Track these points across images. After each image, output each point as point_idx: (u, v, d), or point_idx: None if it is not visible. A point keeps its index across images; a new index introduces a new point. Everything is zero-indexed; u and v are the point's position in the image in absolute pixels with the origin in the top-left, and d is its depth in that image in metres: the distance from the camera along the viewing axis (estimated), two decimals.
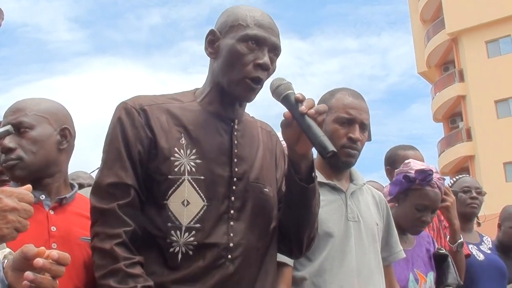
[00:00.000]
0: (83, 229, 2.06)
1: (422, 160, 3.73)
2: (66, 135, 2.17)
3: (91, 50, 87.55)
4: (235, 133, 2.04)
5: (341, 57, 69.71)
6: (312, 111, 1.84)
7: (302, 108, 1.84)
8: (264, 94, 2.03)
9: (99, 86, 73.05)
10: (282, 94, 1.92)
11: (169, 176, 1.89)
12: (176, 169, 1.90)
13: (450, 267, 3.22)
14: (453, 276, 3.20)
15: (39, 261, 1.44)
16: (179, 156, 1.92)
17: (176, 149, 1.92)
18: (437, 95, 36.44)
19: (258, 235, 1.98)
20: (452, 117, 37.41)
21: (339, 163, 2.51)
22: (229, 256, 1.90)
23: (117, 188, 1.89)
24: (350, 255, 2.41)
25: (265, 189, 2.04)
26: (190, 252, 1.87)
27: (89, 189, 2.00)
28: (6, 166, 2.09)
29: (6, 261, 1.62)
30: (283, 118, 1.90)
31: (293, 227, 2.05)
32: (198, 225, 1.88)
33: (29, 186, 1.55)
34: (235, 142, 2.02)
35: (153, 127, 1.94)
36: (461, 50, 35.00)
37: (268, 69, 1.98)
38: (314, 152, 2.31)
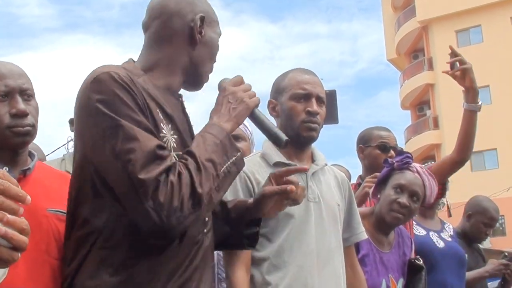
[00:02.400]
0: (48, 199, 2.00)
1: (395, 141, 3.75)
2: None
3: (61, 26, 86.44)
4: (186, 108, 2.04)
5: (311, 41, 69.88)
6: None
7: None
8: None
9: (68, 63, 72.25)
10: None
11: None
12: (167, 145, 1.81)
13: (422, 282, 3.17)
14: None
15: (1, 229, 1.30)
16: (165, 132, 1.84)
17: (161, 124, 1.84)
18: (405, 83, 36.70)
19: None
20: (420, 105, 37.76)
21: (301, 138, 2.50)
22: (205, 230, 1.90)
23: (164, 150, 1.73)
24: (310, 236, 2.41)
25: None
26: None
27: None
28: (21, 131, 1.99)
29: None
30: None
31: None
32: None
33: None
34: (189, 117, 2.04)
35: (143, 100, 1.81)
36: (431, 38, 35.28)
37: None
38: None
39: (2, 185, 1.24)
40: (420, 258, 3.26)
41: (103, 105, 1.71)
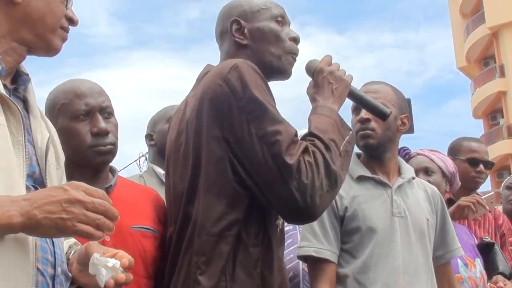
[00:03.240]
0: (131, 216, 1.98)
1: (486, 153, 3.58)
2: None
3: (130, 44, 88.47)
4: None
5: (378, 52, 69.09)
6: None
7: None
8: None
9: (139, 80, 73.57)
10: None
11: None
12: None
13: (499, 255, 3.12)
14: (503, 263, 3.10)
15: (122, 277, 1.42)
16: None
17: None
18: (477, 91, 35.83)
19: None
20: (493, 114, 36.79)
21: (360, 148, 2.50)
22: None
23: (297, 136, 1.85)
24: (396, 252, 2.35)
25: None
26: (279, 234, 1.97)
27: None
28: (102, 150, 1.99)
29: (72, 252, 1.60)
30: None
31: None
32: None
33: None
34: None
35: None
36: (501, 44, 34.35)
37: (299, 41, 2.12)
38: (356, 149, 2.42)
39: (104, 206, 1.29)
40: (487, 237, 3.23)
41: (254, 91, 1.80)
